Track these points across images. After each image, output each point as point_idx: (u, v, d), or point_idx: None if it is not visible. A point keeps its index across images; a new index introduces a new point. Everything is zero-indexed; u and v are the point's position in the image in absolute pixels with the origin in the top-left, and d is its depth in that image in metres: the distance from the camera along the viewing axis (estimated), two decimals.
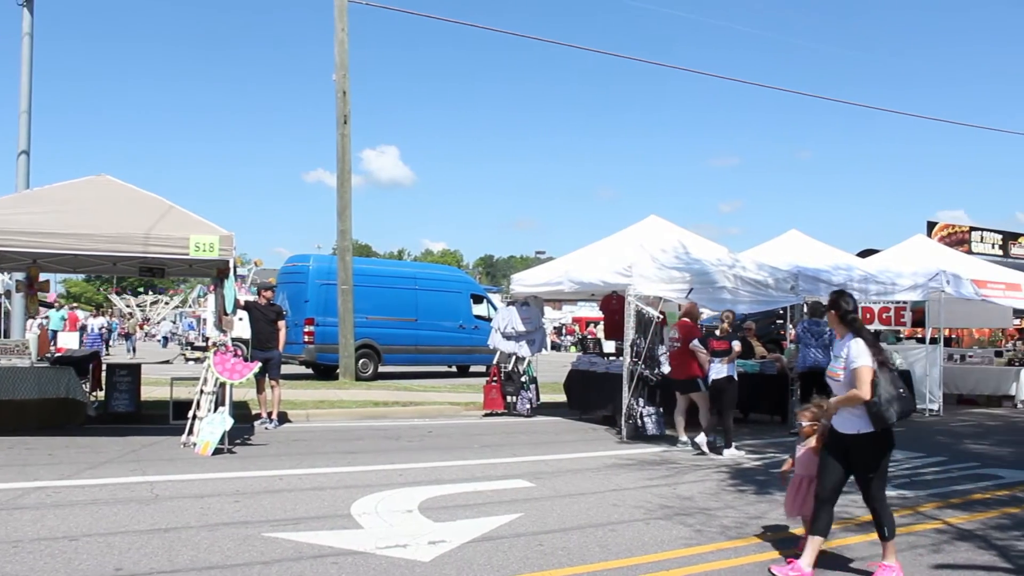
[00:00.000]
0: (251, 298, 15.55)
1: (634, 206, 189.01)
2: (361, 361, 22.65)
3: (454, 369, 27.56)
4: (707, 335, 12.33)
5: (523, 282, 16.08)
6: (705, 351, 11.98)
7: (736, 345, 12.12)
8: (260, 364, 12.05)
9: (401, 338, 24.33)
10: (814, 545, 6.05)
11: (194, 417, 11.03)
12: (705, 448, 11.77)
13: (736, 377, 12.09)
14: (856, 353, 5.90)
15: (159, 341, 52.25)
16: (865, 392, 5.78)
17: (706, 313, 14.16)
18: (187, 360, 30.55)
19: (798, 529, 7.19)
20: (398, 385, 20.88)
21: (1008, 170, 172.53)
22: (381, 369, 24.13)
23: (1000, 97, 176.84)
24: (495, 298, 29.04)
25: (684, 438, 12.31)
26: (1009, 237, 31.76)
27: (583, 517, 7.69)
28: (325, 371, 23.15)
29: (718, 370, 11.84)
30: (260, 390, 13.33)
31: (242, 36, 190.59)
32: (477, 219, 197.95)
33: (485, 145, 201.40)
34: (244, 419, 13.13)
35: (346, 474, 9.44)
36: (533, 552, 6.43)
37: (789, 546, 6.76)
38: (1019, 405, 18.95)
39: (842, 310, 6.22)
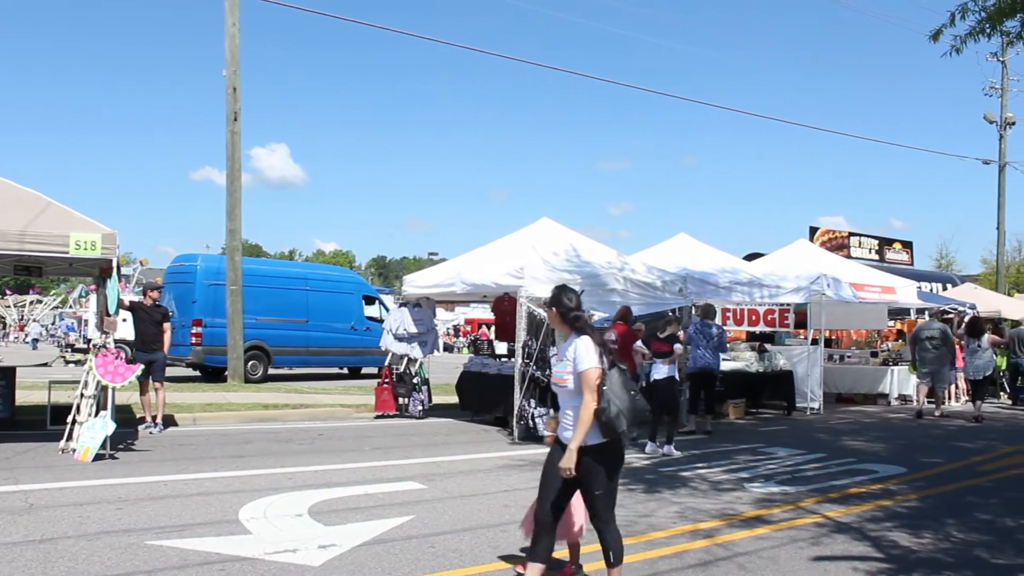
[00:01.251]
0: (135, 298, 15.10)
1: (527, 208, 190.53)
2: (250, 363, 22.23)
3: (345, 371, 27.27)
4: (650, 336, 12.84)
5: (415, 283, 16.02)
6: (648, 352, 12.55)
7: (678, 347, 12.66)
8: (144, 366, 11.71)
9: (292, 339, 23.94)
10: (534, 573, 5.34)
11: (73, 422, 10.62)
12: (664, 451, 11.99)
13: (677, 376, 12.61)
14: (583, 354, 5.18)
15: (28, 343, 50.18)
16: (591, 399, 5.07)
17: (597, 315, 14.32)
18: (67, 363, 29.56)
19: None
20: (288, 387, 20.57)
21: (884, 178, 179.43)
22: (271, 371, 23.71)
23: (875, 107, 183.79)
24: (387, 299, 28.82)
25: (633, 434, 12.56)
26: (885, 243, 33.02)
27: (475, 518, 7.71)
28: (213, 373, 22.64)
29: (660, 370, 12.37)
30: (144, 393, 12.91)
31: (127, 29, 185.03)
32: (370, 220, 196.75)
33: (377, 145, 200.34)
34: (127, 423, 12.72)
35: (234, 478, 9.25)
36: (425, 554, 6.41)
37: (675, 543, 6.91)
38: (892, 402, 19.72)
39: (563, 307, 5.49)
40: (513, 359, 13.76)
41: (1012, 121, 35.63)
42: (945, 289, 28.34)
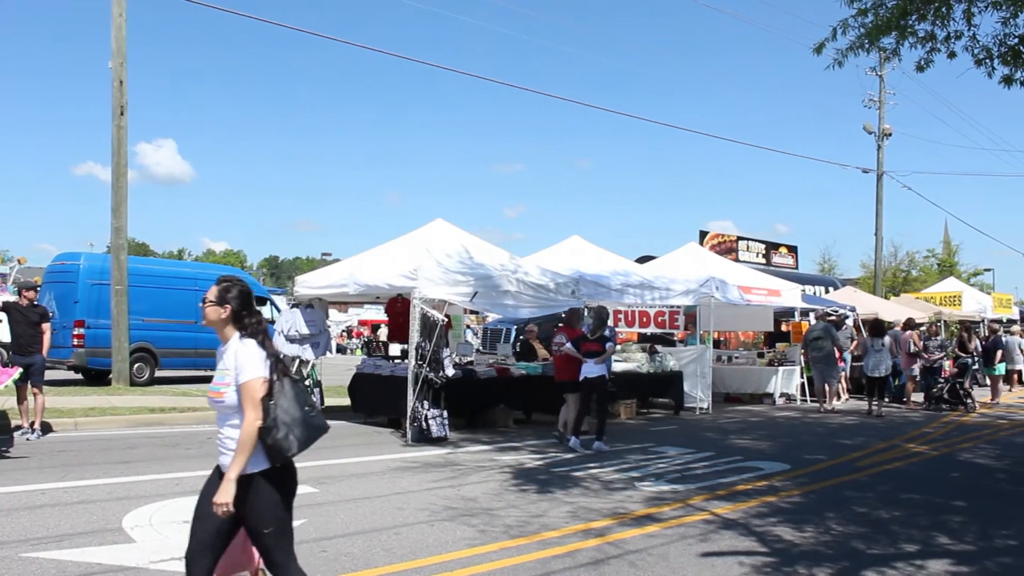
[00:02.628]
0: (11, 298, 14.50)
1: (421, 210, 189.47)
2: (136, 365, 21.54)
3: None
4: (581, 338, 13.09)
5: (308, 284, 15.82)
6: (576, 352, 12.86)
7: (609, 346, 13.09)
8: (21, 370, 11.27)
9: (180, 341, 23.26)
10: None
11: None
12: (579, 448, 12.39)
13: (607, 375, 13.05)
14: (245, 361, 4.25)
15: None
16: (254, 416, 4.13)
17: (490, 317, 14.38)
18: None
19: (576, 527, 7.43)
20: (176, 391, 20.00)
21: (771, 184, 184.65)
22: (158, 374, 23.01)
23: (764, 115, 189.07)
24: (279, 300, 28.34)
25: (560, 430, 13.22)
26: (771, 247, 34.00)
27: (367, 521, 7.66)
28: (97, 376, 21.86)
29: (591, 369, 12.71)
30: (21, 399, 12.32)
31: (6, 17, 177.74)
32: (261, 219, 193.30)
33: (269, 144, 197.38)
34: (2, 430, 12.25)
35: (117, 485, 8.96)
36: (316, 558, 6.34)
37: (568, 542, 6.99)
38: (777, 401, 20.29)
39: (232, 303, 4.56)
40: (406, 361, 13.70)
41: (889, 132, 37.10)
42: (827, 292, 29.34)
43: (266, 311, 25.93)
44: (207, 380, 24.33)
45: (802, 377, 20.87)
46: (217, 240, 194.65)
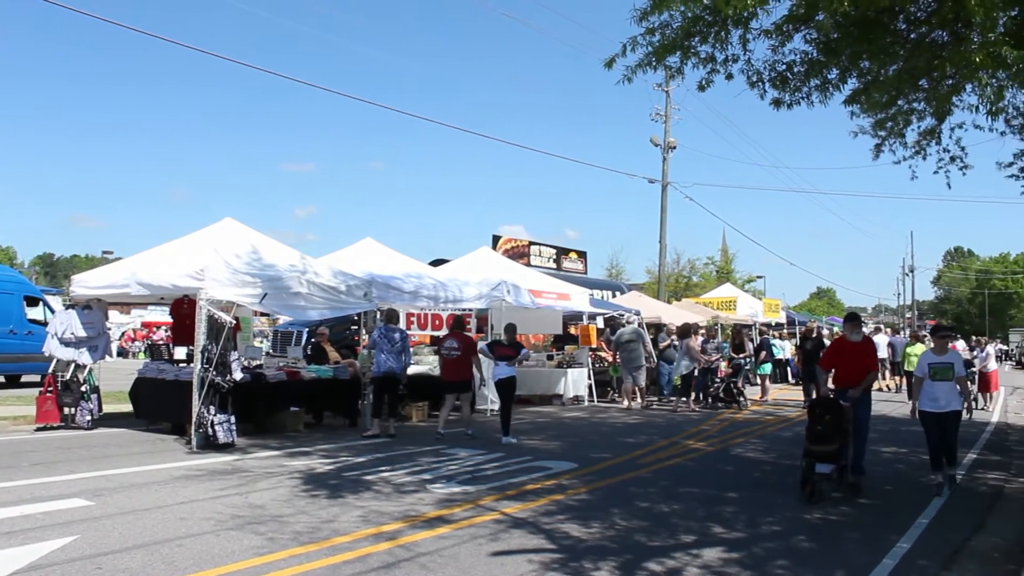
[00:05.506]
0: None
1: (209, 208, 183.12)
2: None
3: (2, 379, 24.92)
4: (494, 343, 15.02)
5: (86, 283, 14.96)
6: (491, 355, 14.55)
7: (524, 351, 15.05)
8: None
9: None
10: None
11: None
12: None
13: (515, 374, 14.58)
14: None
15: None
16: None
17: (281, 319, 14.09)
18: None
19: (365, 530, 7.40)
20: None
21: (562, 191, 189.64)
22: None
23: (557, 123, 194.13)
24: (54, 301, 26.65)
25: (442, 431, 14.00)
26: (562, 252, 34.95)
27: (148, 534, 7.32)
28: None
29: (503, 371, 14.33)
30: None
31: None
32: (34, 213, 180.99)
33: (45, 141, 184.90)
34: None
35: None
36: None
37: (359, 547, 6.94)
38: (565, 403, 20.85)
39: None
40: (192, 364, 13.22)
41: (674, 145, 38.84)
42: (614, 296, 30.39)
43: (38, 312, 24.36)
44: None
45: (589, 379, 21.56)
46: None
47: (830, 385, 10.86)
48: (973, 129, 12.20)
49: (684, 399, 20.34)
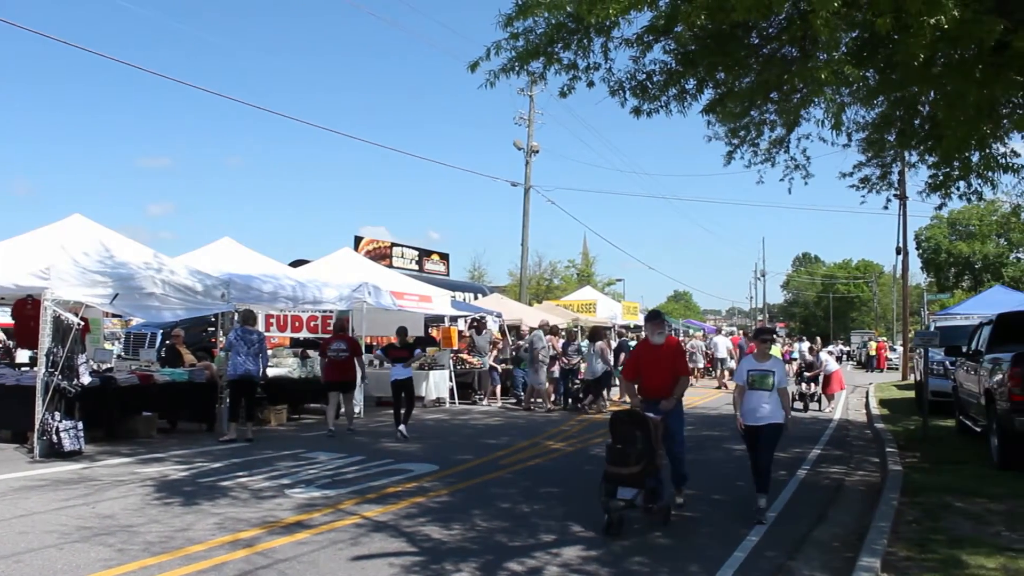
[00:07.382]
0: None
1: (55, 204, 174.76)
2: None
3: None
4: (389, 346, 15.86)
5: None
6: (386, 358, 15.56)
7: (417, 352, 15.90)
8: None
9: None
10: None
11: None
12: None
13: (411, 375, 15.42)
14: None
15: None
16: None
17: (134, 320, 13.57)
18: None
19: (235, 534, 7.18)
20: None
21: (424, 193, 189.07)
22: None
23: (421, 124, 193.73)
24: None
25: (332, 428, 14.85)
26: (424, 254, 34.85)
27: None
28: None
29: (399, 372, 15.03)
30: None
31: None
32: None
33: None
34: None
35: None
36: None
37: (215, 555, 6.73)
38: (427, 405, 20.79)
39: None
40: (35, 368, 12.58)
41: (537, 149, 39.21)
42: (476, 299, 30.49)
43: None
44: None
45: (451, 381, 21.56)
46: None
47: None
48: (819, 141, 12.80)
49: (593, 401, 20.91)
